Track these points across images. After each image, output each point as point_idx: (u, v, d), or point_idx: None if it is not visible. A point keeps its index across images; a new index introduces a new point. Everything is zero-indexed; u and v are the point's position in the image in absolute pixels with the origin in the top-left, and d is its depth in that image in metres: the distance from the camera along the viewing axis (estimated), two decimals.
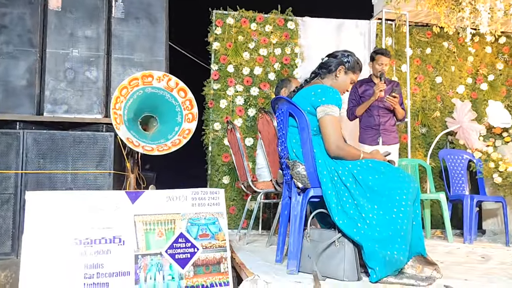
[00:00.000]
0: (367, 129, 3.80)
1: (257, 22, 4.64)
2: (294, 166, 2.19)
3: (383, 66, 3.68)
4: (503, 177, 3.93)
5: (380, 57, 3.68)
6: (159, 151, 2.88)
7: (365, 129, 3.81)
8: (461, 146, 4.53)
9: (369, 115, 3.77)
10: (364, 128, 3.82)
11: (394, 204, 2.03)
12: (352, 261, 1.98)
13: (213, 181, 4.44)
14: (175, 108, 3.01)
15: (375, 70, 3.74)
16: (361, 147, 3.79)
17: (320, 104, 2.17)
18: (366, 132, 3.80)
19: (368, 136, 3.78)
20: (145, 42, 3.40)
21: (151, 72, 2.92)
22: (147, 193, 2.05)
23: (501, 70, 5.07)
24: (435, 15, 4.68)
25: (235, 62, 4.54)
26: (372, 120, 3.76)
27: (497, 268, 2.46)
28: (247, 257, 2.51)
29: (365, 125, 3.82)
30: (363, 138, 3.82)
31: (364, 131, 3.82)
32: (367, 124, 3.80)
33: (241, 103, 4.51)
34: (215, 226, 2.10)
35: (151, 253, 1.96)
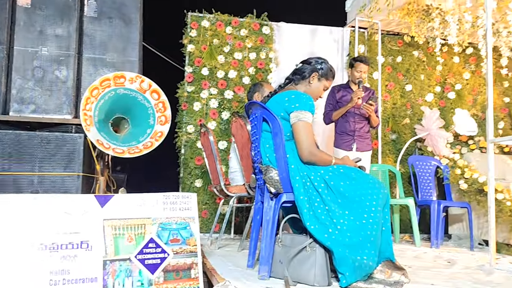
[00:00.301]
0: (342, 135, 3.85)
1: (233, 26, 4.63)
2: (267, 171, 2.20)
3: (362, 74, 3.74)
4: (468, 184, 4.06)
5: (359, 64, 3.74)
6: (130, 153, 2.83)
7: (340, 134, 3.87)
8: (429, 152, 4.66)
9: (345, 121, 3.83)
10: (339, 133, 3.88)
11: (364, 210, 2.06)
12: (322, 266, 1.99)
13: (185, 184, 4.40)
14: (148, 110, 2.97)
15: (353, 76, 3.80)
16: (336, 151, 3.84)
17: (293, 110, 2.19)
18: (341, 137, 3.86)
19: (343, 141, 3.84)
20: (118, 42, 3.35)
21: (124, 73, 2.87)
22: (117, 197, 2.00)
23: (468, 80, 5.24)
24: (406, 24, 4.80)
25: (209, 65, 4.52)
26: (347, 125, 3.82)
27: (462, 273, 2.53)
28: (219, 262, 2.50)
29: (340, 130, 3.87)
30: (338, 143, 3.87)
31: (339, 136, 3.88)
32: (342, 130, 3.85)
33: (215, 106, 4.49)
34: (187, 231, 2.08)
35: (120, 259, 1.92)
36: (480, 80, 5.23)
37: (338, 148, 3.85)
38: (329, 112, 3.89)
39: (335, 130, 3.96)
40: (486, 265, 2.76)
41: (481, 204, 3.99)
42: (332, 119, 3.86)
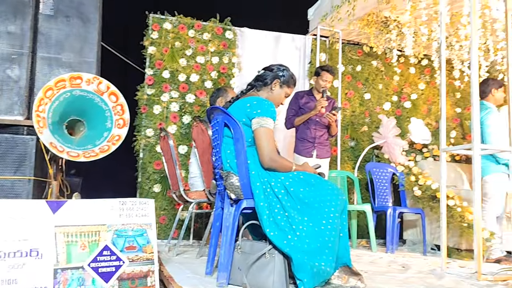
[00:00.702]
0: (303, 141, 3.91)
1: (195, 29, 4.59)
2: (227, 177, 2.18)
3: (327, 83, 3.83)
4: (422, 190, 4.20)
5: (325, 73, 3.82)
6: (86, 157, 2.73)
7: (301, 141, 3.92)
8: (386, 160, 4.79)
9: (306, 128, 3.89)
10: (300, 140, 3.93)
11: (323, 216, 2.08)
12: (281, 273, 1.99)
13: (143, 189, 4.30)
14: (105, 112, 2.88)
15: (318, 85, 3.87)
16: (296, 157, 3.89)
17: (255, 116, 2.19)
18: (302, 144, 3.91)
19: (303, 148, 3.89)
20: (75, 42, 3.24)
21: (80, 73, 2.77)
22: (70, 202, 1.92)
23: (423, 90, 5.45)
24: (365, 35, 4.94)
25: (171, 68, 4.46)
26: (308, 132, 3.88)
27: (415, 277, 2.61)
28: (176, 270, 2.45)
29: (301, 137, 3.92)
30: (299, 149, 3.92)
31: (300, 142, 3.93)
32: (303, 136, 3.91)
33: (176, 109, 4.43)
34: (143, 238, 2.03)
35: (72, 267, 1.84)
36: (434, 90, 5.45)
37: (299, 155, 3.90)
38: (292, 117, 3.93)
39: (296, 136, 4.01)
40: (437, 269, 2.87)
41: (433, 210, 4.14)
42: (293, 124, 3.91)
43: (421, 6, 4.09)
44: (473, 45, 2.77)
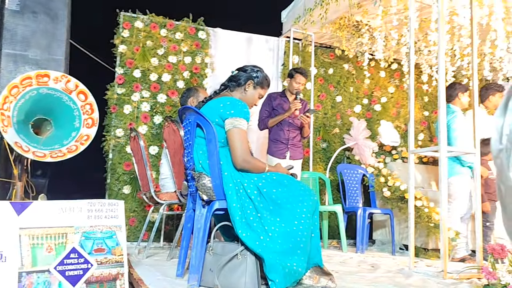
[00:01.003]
0: (277, 143, 3.92)
1: (168, 29, 4.54)
2: (199, 178, 2.16)
3: (300, 85, 3.86)
4: (391, 191, 4.29)
5: (299, 76, 3.86)
6: (53, 157, 2.66)
7: (275, 142, 3.93)
8: (357, 161, 4.87)
9: (279, 129, 3.91)
10: (274, 141, 3.94)
11: (295, 217, 2.09)
12: (253, 273, 1.99)
13: (112, 191, 4.20)
14: (73, 112, 2.81)
15: (291, 87, 3.91)
16: (269, 159, 3.90)
17: (228, 117, 2.18)
18: (275, 145, 3.92)
19: (276, 149, 3.91)
20: (42, 39, 3.15)
21: (48, 71, 2.70)
22: (36, 204, 1.86)
23: (393, 94, 5.57)
24: (337, 38, 5.01)
25: (142, 67, 4.39)
26: (282, 134, 3.89)
27: (384, 277, 2.65)
28: (146, 272, 2.41)
29: (274, 138, 3.94)
30: (272, 150, 3.93)
31: (274, 144, 3.94)
32: (276, 138, 3.92)
33: (147, 109, 4.36)
34: (112, 240, 1.98)
35: (38, 270, 1.78)
36: (403, 94, 5.58)
37: (272, 156, 3.92)
38: (265, 118, 3.95)
39: (269, 138, 4.03)
40: (405, 268, 2.93)
41: (402, 211, 4.24)
42: (267, 126, 3.93)
43: (392, 11, 4.18)
44: (441, 51, 2.85)
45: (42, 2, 3.18)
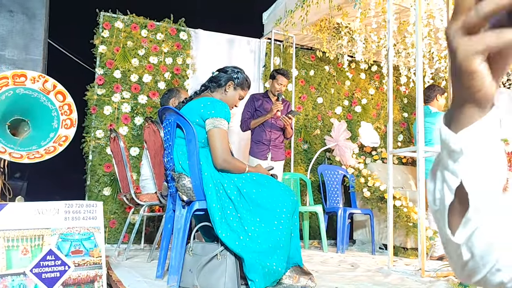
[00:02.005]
0: (258, 144, 3.92)
1: (148, 29, 4.51)
2: (179, 178, 2.16)
3: (282, 87, 3.86)
4: (371, 192, 4.35)
5: (281, 77, 3.86)
6: (30, 159, 2.61)
7: (257, 144, 3.93)
8: (337, 162, 4.91)
9: (261, 130, 3.91)
10: (256, 142, 3.94)
11: (274, 217, 2.11)
12: (232, 274, 1.99)
13: (92, 193, 4.15)
14: (51, 112, 2.78)
15: (274, 88, 3.91)
16: (251, 160, 3.90)
17: (209, 117, 2.18)
18: (257, 146, 3.92)
19: (258, 150, 3.91)
20: (19, 39, 3.10)
21: (24, 71, 2.65)
22: (11, 205, 1.83)
23: (373, 95, 5.65)
24: (318, 40, 5.05)
25: (122, 67, 4.35)
26: (263, 135, 3.90)
27: (363, 275, 2.69)
28: (126, 274, 2.38)
29: (256, 140, 3.93)
30: (254, 151, 3.93)
31: (255, 145, 3.93)
32: (258, 139, 3.92)
33: (128, 110, 4.32)
34: (90, 241, 1.96)
35: (13, 273, 1.75)
36: (383, 96, 5.66)
37: (254, 157, 3.92)
38: (247, 119, 3.94)
39: (251, 139, 4.03)
40: (384, 267, 2.97)
41: (381, 211, 4.29)
42: (249, 127, 3.92)
43: (370, 14, 4.24)
44: (418, 53, 2.91)
45: (19, 1, 3.14)
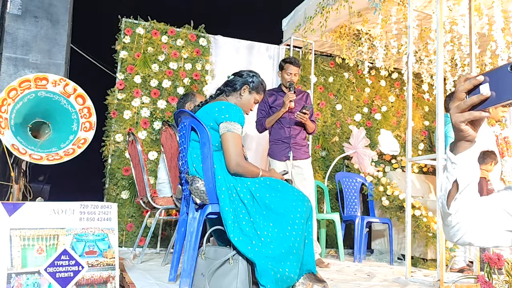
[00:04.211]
0: (278, 143, 3.59)
1: (168, 35, 4.57)
2: (193, 181, 2.16)
3: (292, 76, 3.54)
4: (390, 200, 4.27)
5: (289, 66, 3.55)
6: (49, 160, 2.66)
7: (276, 143, 3.61)
8: (356, 170, 4.85)
9: (279, 127, 3.59)
10: (274, 142, 3.62)
11: (288, 222, 2.08)
12: (244, 279, 1.97)
13: (110, 196, 4.20)
14: (71, 115, 2.83)
15: (284, 80, 3.60)
16: (270, 161, 3.63)
17: (223, 121, 2.18)
18: (276, 146, 3.60)
19: (278, 150, 3.58)
20: (43, 43, 3.18)
21: (46, 75, 2.71)
22: (28, 205, 1.86)
23: (393, 103, 5.57)
24: (338, 47, 5.02)
25: (143, 73, 4.41)
26: (282, 132, 3.57)
27: (379, 285, 2.63)
28: (139, 276, 2.39)
29: (275, 138, 3.62)
30: (273, 152, 3.62)
31: (275, 144, 3.61)
32: (277, 137, 3.60)
33: (147, 115, 4.37)
34: (104, 242, 1.97)
35: (28, 272, 1.78)
36: (403, 103, 5.58)
37: (273, 158, 3.61)
38: (261, 118, 3.63)
39: (269, 139, 3.72)
40: (402, 277, 2.90)
41: (400, 220, 4.21)
42: (265, 127, 3.61)
43: (391, 20, 4.20)
44: (439, 60, 2.85)
45: (43, 7, 3.22)
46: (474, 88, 0.88)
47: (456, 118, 0.90)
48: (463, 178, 0.95)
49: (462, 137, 0.93)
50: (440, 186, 1.01)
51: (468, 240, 0.98)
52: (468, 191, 0.96)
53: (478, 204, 0.98)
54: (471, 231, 0.97)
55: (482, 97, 0.86)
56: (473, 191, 0.97)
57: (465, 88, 0.89)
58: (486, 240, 0.99)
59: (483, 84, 0.87)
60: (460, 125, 0.90)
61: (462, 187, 0.95)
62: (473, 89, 0.88)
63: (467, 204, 0.96)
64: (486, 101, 0.86)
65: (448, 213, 0.98)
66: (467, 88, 0.89)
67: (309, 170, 3.64)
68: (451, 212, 0.97)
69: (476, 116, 0.88)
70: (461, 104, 0.89)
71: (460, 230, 0.98)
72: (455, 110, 0.90)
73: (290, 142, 3.57)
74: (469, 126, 0.91)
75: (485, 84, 0.86)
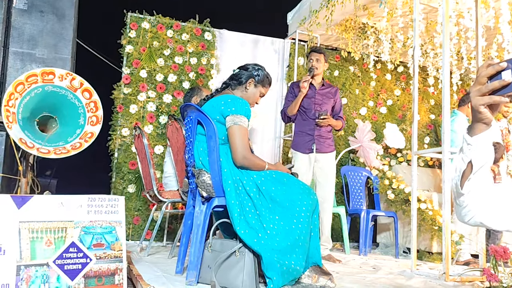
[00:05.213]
0: (301, 135, 3.56)
1: (174, 30, 4.57)
2: (199, 174, 2.17)
3: (314, 62, 3.53)
4: (395, 194, 4.26)
5: (312, 53, 3.58)
6: (56, 154, 2.68)
7: (299, 135, 3.57)
8: (361, 163, 4.84)
9: (304, 119, 3.56)
10: (298, 133, 3.58)
11: (294, 215, 2.09)
12: (251, 271, 1.99)
13: (117, 189, 4.23)
14: (78, 109, 2.84)
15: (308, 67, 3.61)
16: (293, 153, 3.61)
17: (229, 114, 2.19)
18: (300, 138, 3.56)
19: (302, 142, 3.54)
20: (49, 38, 3.19)
21: (53, 69, 2.73)
22: (37, 198, 1.88)
23: (398, 96, 5.54)
24: (343, 40, 5.00)
25: (148, 67, 4.42)
26: (306, 124, 3.53)
27: (384, 278, 2.64)
28: (146, 269, 2.42)
29: (299, 130, 3.58)
30: (297, 144, 3.57)
31: (298, 136, 3.58)
32: (301, 129, 3.56)
33: (153, 109, 4.39)
34: (112, 235, 2.00)
35: (37, 264, 1.80)
36: (409, 97, 5.55)
37: (296, 150, 3.57)
38: (285, 108, 3.63)
39: (294, 130, 3.70)
40: (407, 270, 2.91)
41: (406, 214, 4.20)
42: (288, 115, 3.59)
43: (397, 13, 4.17)
44: (445, 53, 2.84)
45: (49, 2, 3.23)
46: (496, 74, 0.92)
47: (476, 101, 0.95)
48: (478, 159, 0.98)
49: (480, 119, 0.97)
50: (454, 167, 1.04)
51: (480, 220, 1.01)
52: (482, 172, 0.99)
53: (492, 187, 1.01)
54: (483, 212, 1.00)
55: (504, 82, 0.90)
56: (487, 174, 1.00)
57: (488, 73, 0.93)
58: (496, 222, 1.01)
59: (505, 70, 0.91)
60: (480, 107, 0.95)
61: (476, 168, 0.98)
62: (495, 74, 0.92)
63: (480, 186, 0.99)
64: (507, 87, 0.90)
65: (461, 193, 1.01)
66: (490, 74, 0.93)
67: (332, 165, 3.62)
68: (464, 192, 1.00)
69: (495, 101, 0.92)
70: (482, 88, 0.94)
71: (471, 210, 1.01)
72: (476, 93, 0.95)
73: (314, 134, 3.53)
74: (487, 109, 0.95)
75: (508, 71, 0.90)
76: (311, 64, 3.56)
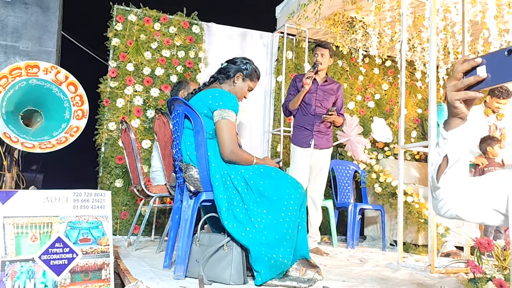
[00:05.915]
0: (301, 129, 3.57)
1: (161, 22, 4.53)
2: (187, 168, 2.16)
3: (319, 57, 3.50)
4: (382, 187, 4.30)
5: (317, 48, 3.55)
6: (42, 148, 2.65)
7: (299, 129, 3.58)
8: (349, 157, 4.87)
9: (303, 114, 3.56)
10: (298, 128, 3.59)
11: (281, 209, 2.10)
12: (239, 265, 1.99)
13: (104, 184, 4.20)
14: (63, 103, 2.81)
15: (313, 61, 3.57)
16: (292, 148, 3.62)
17: (217, 108, 2.18)
18: (299, 132, 3.58)
19: (301, 137, 3.55)
20: (33, 30, 3.14)
21: (37, 62, 2.69)
22: (21, 193, 1.85)
23: (386, 91, 5.58)
24: (331, 34, 5.01)
25: (135, 60, 4.37)
26: (306, 119, 3.55)
27: (371, 270, 2.67)
28: (134, 263, 2.40)
29: (298, 124, 3.59)
30: (296, 138, 3.59)
31: (297, 130, 3.59)
32: (300, 124, 3.57)
33: (140, 103, 4.35)
34: (98, 230, 1.98)
35: (22, 259, 1.78)
36: (397, 91, 5.59)
37: (295, 145, 3.58)
38: (286, 102, 3.64)
39: (293, 124, 3.71)
40: (393, 263, 2.94)
41: (393, 207, 4.25)
42: (289, 109, 3.60)
43: (385, 7, 4.19)
44: (432, 47, 2.86)
45: None
46: (472, 69, 0.94)
47: (452, 96, 0.97)
48: (453, 153, 1.00)
49: (455, 114, 0.99)
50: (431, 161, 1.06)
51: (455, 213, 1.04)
52: (458, 166, 1.01)
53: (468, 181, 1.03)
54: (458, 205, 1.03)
55: (479, 78, 0.92)
56: (463, 168, 1.02)
57: (464, 68, 0.95)
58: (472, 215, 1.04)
59: (480, 66, 0.92)
60: (455, 102, 0.97)
61: (451, 162, 1.00)
62: (471, 70, 0.94)
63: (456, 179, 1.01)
64: (481, 83, 0.92)
65: (437, 186, 1.03)
66: (465, 69, 0.95)
67: (327, 161, 3.63)
68: (440, 186, 1.02)
69: (471, 96, 0.94)
70: (458, 83, 0.95)
71: (447, 203, 1.03)
72: (452, 88, 0.97)
73: (313, 129, 3.54)
74: (463, 104, 0.98)
75: (482, 66, 0.92)
76: (316, 59, 3.52)
